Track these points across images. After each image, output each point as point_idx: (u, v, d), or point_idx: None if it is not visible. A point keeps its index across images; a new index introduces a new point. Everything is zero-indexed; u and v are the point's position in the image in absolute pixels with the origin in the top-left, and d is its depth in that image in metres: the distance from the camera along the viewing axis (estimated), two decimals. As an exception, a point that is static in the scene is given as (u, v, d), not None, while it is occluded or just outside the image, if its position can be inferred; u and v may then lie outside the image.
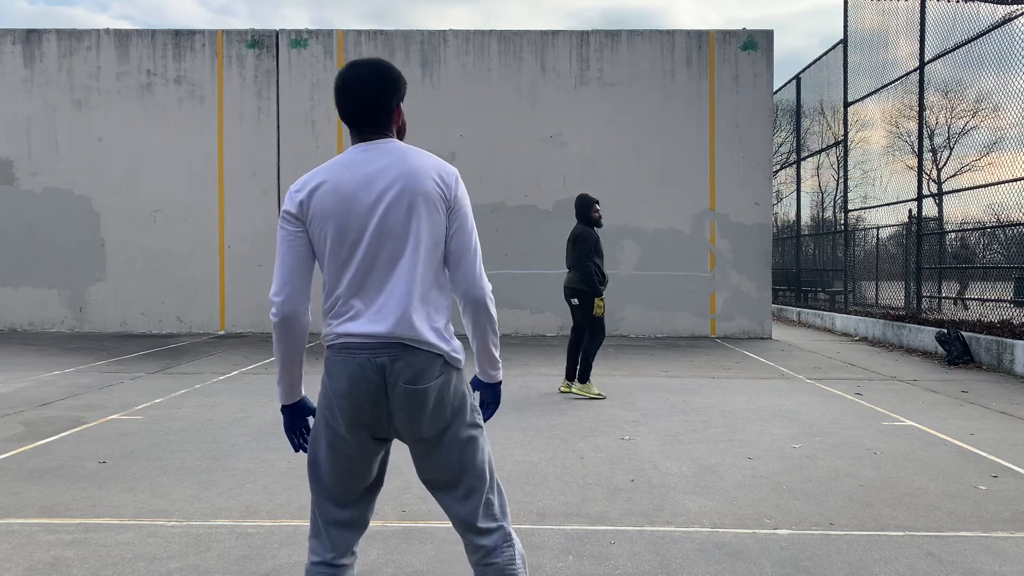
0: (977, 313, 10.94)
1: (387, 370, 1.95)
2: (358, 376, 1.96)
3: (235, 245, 13.37)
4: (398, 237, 1.97)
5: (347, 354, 1.98)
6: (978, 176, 11.28)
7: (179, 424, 5.95)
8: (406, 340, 1.96)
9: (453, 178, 2.05)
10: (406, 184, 1.98)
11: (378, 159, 2.02)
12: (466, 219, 2.06)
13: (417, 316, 1.98)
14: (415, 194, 1.98)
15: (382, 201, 1.97)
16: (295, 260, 2.02)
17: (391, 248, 1.97)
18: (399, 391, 1.96)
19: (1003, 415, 6.55)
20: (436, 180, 2.01)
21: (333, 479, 2.05)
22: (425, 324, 1.98)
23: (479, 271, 2.07)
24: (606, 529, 3.67)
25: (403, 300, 1.97)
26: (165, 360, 9.65)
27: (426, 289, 2.00)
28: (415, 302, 1.98)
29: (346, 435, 2.01)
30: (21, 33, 13.51)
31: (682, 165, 13.12)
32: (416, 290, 1.98)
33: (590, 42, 13.27)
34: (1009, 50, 9.78)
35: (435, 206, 2.00)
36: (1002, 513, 3.94)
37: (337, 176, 2.01)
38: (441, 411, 2.01)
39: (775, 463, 4.89)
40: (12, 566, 3.20)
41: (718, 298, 13.19)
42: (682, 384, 8.04)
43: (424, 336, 1.97)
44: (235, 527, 3.68)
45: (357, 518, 2.10)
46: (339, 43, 13.37)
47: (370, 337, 1.96)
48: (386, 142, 2.07)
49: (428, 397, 1.98)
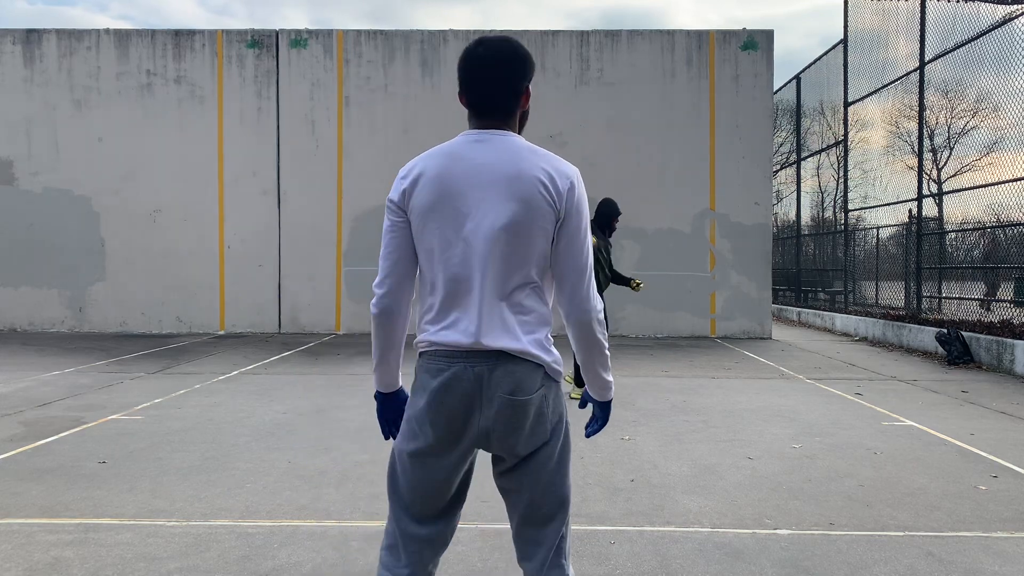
0: (977, 314, 10.94)
1: (484, 380, 1.85)
2: (453, 385, 1.86)
3: (235, 245, 13.37)
4: (497, 243, 1.84)
5: (442, 362, 1.87)
6: (978, 176, 11.28)
7: (179, 424, 5.95)
8: (506, 350, 1.85)
9: (568, 185, 1.86)
10: (504, 188, 1.84)
11: (487, 153, 1.88)
12: (576, 233, 1.87)
13: (514, 326, 1.86)
14: (515, 199, 1.83)
15: (478, 201, 1.84)
16: (397, 251, 1.92)
17: (490, 253, 1.84)
18: (498, 402, 1.85)
19: (1003, 415, 6.55)
20: (545, 185, 1.84)
21: (413, 493, 1.95)
22: (523, 334, 1.87)
23: (585, 291, 1.89)
24: (606, 529, 3.67)
25: (498, 310, 1.85)
26: (165, 360, 9.65)
27: (524, 299, 1.88)
28: (511, 312, 1.86)
29: (433, 446, 1.90)
30: (21, 33, 13.51)
31: (682, 165, 13.13)
32: (514, 300, 1.87)
33: (590, 42, 13.27)
34: (1009, 50, 9.78)
35: (541, 214, 1.84)
36: (1002, 513, 3.94)
37: (443, 166, 1.88)
38: (541, 426, 1.90)
39: (775, 463, 4.89)
40: (12, 566, 3.20)
41: (718, 298, 13.19)
42: (682, 384, 8.04)
43: (525, 347, 1.86)
44: (235, 527, 3.68)
45: (436, 535, 1.98)
46: (339, 43, 13.37)
47: (467, 347, 1.85)
48: (503, 135, 1.91)
49: (528, 410, 1.87)
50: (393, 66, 13.35)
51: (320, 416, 6.27)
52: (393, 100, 13.33)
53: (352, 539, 3.53)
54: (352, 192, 13.32)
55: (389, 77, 13.35)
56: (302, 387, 7.71)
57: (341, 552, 3.38)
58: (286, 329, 13.37)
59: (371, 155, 13.28)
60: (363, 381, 8.09)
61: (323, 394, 7.31)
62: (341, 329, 13.33)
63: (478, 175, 1.86)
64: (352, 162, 13.34)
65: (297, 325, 13.36)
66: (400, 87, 13.33)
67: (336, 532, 3.62)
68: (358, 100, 13.34)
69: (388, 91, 13.34)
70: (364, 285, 13.26)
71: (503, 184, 1.84)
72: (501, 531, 3.63)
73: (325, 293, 13.37)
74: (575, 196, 1.87)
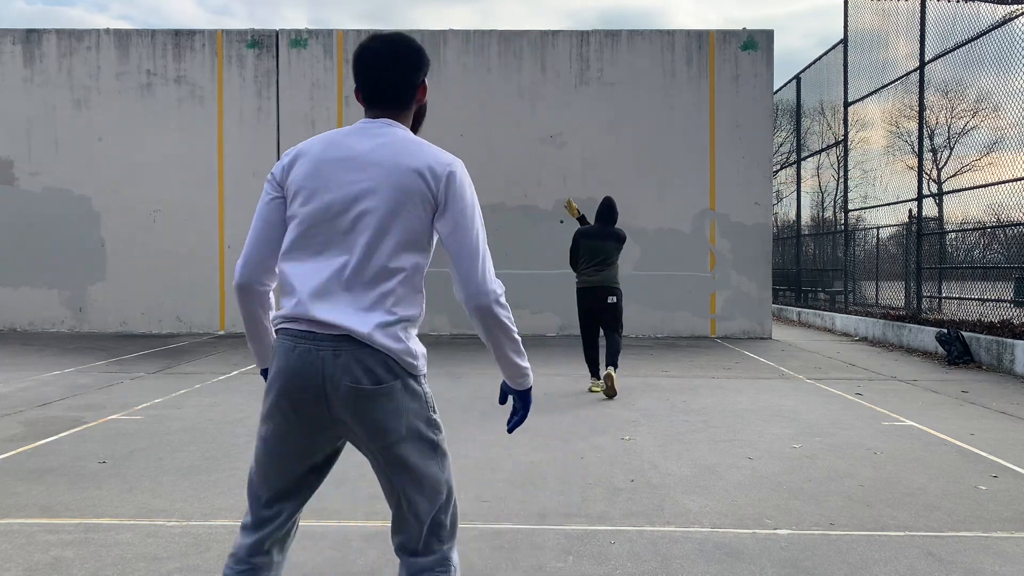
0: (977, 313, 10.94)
1: (328, 364, 1.81)
2: (299, 367, 1.83)
3: (235, 245, 13.36)
4: (357, 226, 1.85)
5: (291, 341, 1.85)
6: (978, 176, 11.28)
7: (179, 424, 5.95)
8: (354, 334, 1.80)
9: (445, 173, 1.88)
10: (379, 173, 1.86)
11: (364, 141, 1.91)
12: (461, 218, 1.87)
13: (370, 313, 1.82)
14: (389, 185, 1.85)
15: (350, 184, 1.86)
16: (265, 226, 1.95)
17: (344, 236, 1.85)
18: (343, 388, 1.81)
19: (1003, 415, 6.55)
20: (422, 174, 1.86)
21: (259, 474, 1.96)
22: (376, 321, 1.82)
23: (481, 275, 1.86)
24: (606, 529, 3.67)
25: (355, 293, 1.83)
26: (165, 360, 9.65)
27: (386, 286, 1.85)
28: (369, 297, 1.83)
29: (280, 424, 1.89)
30: (21, 33, 13.51)
31: (682, 165, 13.12)
32: (374, 286, 1.84)
33: (590, 42, 13.27)
34: (1009, 50, 9.78)
35: (414, 202, 1.85)
36: (1002, 513, 3.94)
37: (320, 151, 1.91)
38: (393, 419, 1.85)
39: (775, 463, 4.89)
40: (12, 566, 3.20)
41: (718, 298, 13.19)
42: (682, 384, 8.04)
43: (373, 334, 1.81)
44: (235, 527, 3.67)
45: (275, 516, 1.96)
46: (339, 43, 13.37)
47: (315, 327, 1.82)
48: (387, 126, 1.94)
49: (373, 401, 1.82)
50: (393, 66, 13.33)
51: (320, 416, 6.26)
52: (393, 100, 13.30)
53: (352, 539, 3.53)
54: (352, 192, 13.30)
55: (389, 77, 13.33)
56: (302, 387, 7.69)
57: (341, 552, 3.38)
58: (286, 329, 13.36)
59: (371, 155, 13.26)
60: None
61: (323, 394, 7.29)
62: (341, 329, 13.32)
63: (351, 161, 1.88)
64: (352, 162, 13.32)
65: (297, 325, 13.34)
66: (400, 87, 13.31)
67: (336, 532, 3.62)
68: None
69: (388, 91, 13.32)
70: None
71: (375, 171, 1.86)
72: (501, 531, 3.64)
73: (325, 293, 13.35)
74: (455, 183, 1.88)
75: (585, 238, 7.57)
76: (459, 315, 12.71)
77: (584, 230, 7.68)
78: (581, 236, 7.62)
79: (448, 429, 2.08)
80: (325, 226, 1.87)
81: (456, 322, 12.96)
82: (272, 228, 1.96)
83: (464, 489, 4.28)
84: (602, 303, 7.41)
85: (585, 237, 7.58)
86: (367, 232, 1.85)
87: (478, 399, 7.05)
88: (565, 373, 8.72)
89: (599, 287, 7.40)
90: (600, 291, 7.40)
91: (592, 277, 7.44)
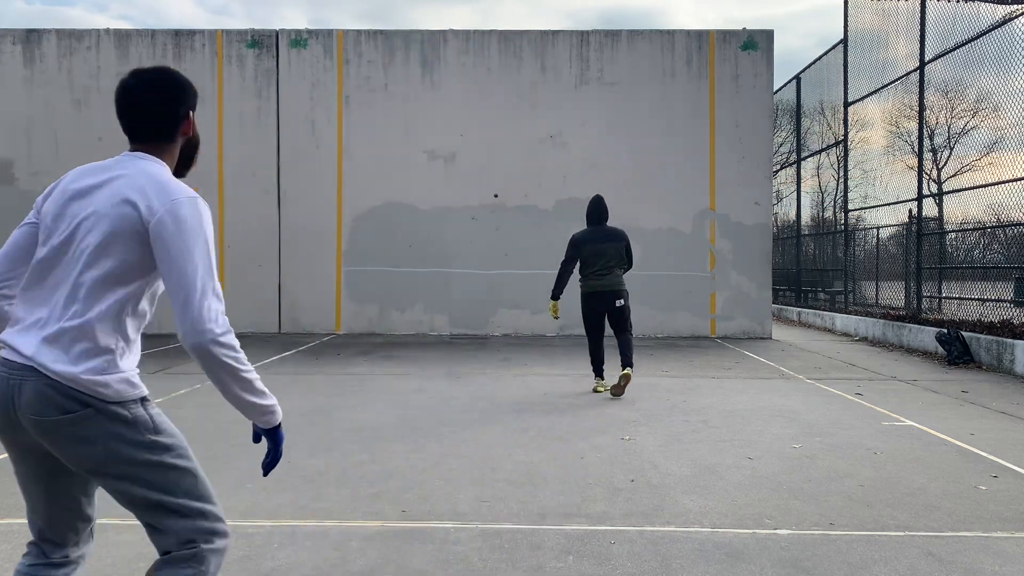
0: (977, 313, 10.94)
1: (16, 391, 1.81)
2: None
3: (235, 245, 13.38)
4: (73, 259, 1.85)
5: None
6: (978, 176, 11.28)
7: (179, 424, 5.92)
8: (38, 366, 1.79)
9: (167, 203, 1.84)
10: (101, 206, 1.86)
11: (99, 175, 1.93)
12: (176, 253, 1.81)
13: (62, 344, 1.80)
14: (104, 218, 1.84)
15: (76, 217, 1.88)
16: (9, 246, 2.01)
17: (63, 269, 1.86)
18: (27, 421, 1.81)
19: (1003, 415, 6.55)
20: (138, 207, 1.84)
21: None
22: (68, 353, 1.80)
23: (197, 313, 1.80)
24: (606, 529, 3.67)
25: (52, 325, 1.81)
26: (165, 360, 9.65)
27: (87, 317, 1.81)
28: (66, 330, 1.80)
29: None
30: (21, 33, 13.52)
31: (682, 165, 13.13)
32: (75, 319, 1.81)
33: (590, 42, 13.27)
34: (1009, 50, 9.78)
35: (128, 235, 1.84)
36: (1002, 513, 3.94)
37: (67, 182, 1.96)
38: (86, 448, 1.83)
39: (775, 463, 4.89)
40: (12, 566, 3.20)
41: (718, 298, 13.19)
42: (682, 384, 8.04)
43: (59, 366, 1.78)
44: (235, 527, 3.67)
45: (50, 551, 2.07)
46: (339, 43, 13.37)
47: (15, 353, 1.83)
48: (131, 159, 1.96)
49: (59, 431, 1.80)
50: (393, 66, 13.35)
51: (320, 416, 6.27)
52: (393, 100, 13.33)
53: (352, 539, 3.53)
54: (352, 192, 13.33)
55: (389, 77, 13.35)
56: (302, 387, 7.71)
57: (341, 552, 3.38)
58: (286, 329, 13.38)
59: (371, 155, 13.28)
60: (364, 381, 8.09)
61: (323, 394, 7.31)
62: (341, 329, 13.33)
63: (79, 195, 1.91)
64: (352, 162, 13.34)
65: (297, 325, 13.37)
66: (400, 87, 13.34)
67: (336, 532, 3.62)
68: (358, 100, 13.35)
69: (388, 91, 13.34)
70: (364, 285, 13.26)
71: (96, 202, 1.87)
72: (501, 531, 3.64)
73: (325, 293, 13.37)
74: (174, 216, 1.83)
75: (585, 243, 7.45)
76: (459, 315, 12.77)
77: (580, 236, 7.53)
78: (580, 243, 7.49)
79: (448, 429, 2.08)
80: (53, 256, 1.90)
81: (456, 322, 12.96)
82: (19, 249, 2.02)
83: (464, 489, 4.28)
84: (611, 307, 7.39)
85: (584, 243, 7.46)
86: (79, 263, 1.86)
87: (478, 399, 7.06)
88: (565, 373, 8.73)
89: (607, 291, 7.35)
90: (609, 295, 7.35)
91: (599, 281, 7.38)
